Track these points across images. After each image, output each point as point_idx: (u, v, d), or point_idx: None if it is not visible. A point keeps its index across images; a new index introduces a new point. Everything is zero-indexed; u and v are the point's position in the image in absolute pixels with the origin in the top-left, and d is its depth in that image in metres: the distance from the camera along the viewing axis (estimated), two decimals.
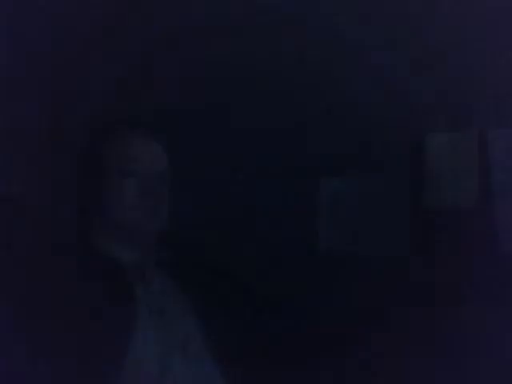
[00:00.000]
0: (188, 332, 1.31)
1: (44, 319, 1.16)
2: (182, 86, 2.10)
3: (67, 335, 1.15)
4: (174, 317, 1.32)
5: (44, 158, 1.97)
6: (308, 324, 1.81)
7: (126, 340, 1.19)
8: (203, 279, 1.44)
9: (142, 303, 1.28)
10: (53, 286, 1.20)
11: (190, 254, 1.50)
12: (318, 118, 1.93)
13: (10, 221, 1.56)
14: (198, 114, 2.05)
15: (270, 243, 1.95)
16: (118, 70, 2.11)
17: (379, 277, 1.79)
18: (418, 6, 1.82)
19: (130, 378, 1.18)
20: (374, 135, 1.85)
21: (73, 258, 1.29)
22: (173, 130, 1.74)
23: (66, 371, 1.13)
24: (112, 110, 1.98)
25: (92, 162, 1.38)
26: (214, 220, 1.99)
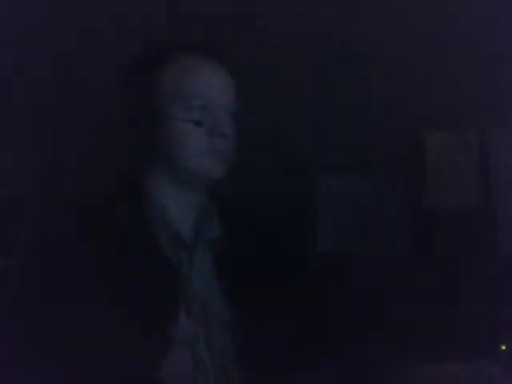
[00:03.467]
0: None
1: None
2: None
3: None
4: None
5: None
6: (307, 324, 1.81)
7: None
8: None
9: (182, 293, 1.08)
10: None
11: None
12: (318, 117, 1.93)
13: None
14: None
15: (270, 243, 1.95)
16: None
17: (379, 277, 1.79)
18: (418, 6, 1.82)
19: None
20: (374, 135, 1.85)
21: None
22: None
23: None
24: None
25: (147, 96, 1.08)
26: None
